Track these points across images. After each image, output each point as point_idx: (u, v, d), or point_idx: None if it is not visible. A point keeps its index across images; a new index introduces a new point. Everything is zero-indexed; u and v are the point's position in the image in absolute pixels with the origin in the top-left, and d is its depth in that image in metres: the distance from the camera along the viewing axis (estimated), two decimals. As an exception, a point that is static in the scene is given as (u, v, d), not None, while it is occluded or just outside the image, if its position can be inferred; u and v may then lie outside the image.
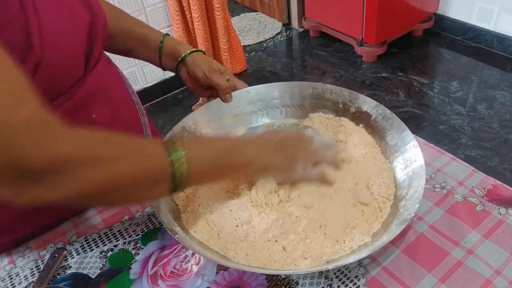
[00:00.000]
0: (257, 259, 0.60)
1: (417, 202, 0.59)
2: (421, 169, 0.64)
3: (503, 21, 2.50)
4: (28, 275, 0.67)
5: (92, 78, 0.67)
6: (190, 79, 0.84)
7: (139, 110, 0.83)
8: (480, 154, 1.98)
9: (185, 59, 0.81)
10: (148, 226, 0.72)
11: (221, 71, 0.81)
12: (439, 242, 0.65)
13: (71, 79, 0.64)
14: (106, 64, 0.75)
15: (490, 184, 0.72)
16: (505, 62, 2.52)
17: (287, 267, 0.59)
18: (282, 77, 2.69)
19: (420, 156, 0.66)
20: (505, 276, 0.59)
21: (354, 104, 0.79)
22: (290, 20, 3.17)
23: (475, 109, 2.23)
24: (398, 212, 0.62)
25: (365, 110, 0.78)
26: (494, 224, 0.66)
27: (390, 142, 0.73)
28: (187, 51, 0.81)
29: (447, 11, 2.75)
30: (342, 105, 0.81)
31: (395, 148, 0.72)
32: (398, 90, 2.42)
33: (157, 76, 2.50)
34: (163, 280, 0.64)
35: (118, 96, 0.77)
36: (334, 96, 0.81)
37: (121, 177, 0.50)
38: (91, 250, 0.70)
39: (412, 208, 0.58)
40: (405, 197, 0.64)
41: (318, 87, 0.83)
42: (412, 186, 0.64)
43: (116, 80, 0.79)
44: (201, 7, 2.28)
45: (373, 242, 0.60)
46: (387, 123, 0.74)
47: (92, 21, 0.65)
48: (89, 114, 0.68)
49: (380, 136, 0.75)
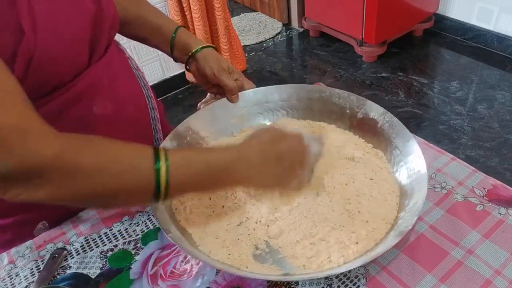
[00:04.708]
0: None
1: (416, 214, 0.58)
2: (424, 180, 0.63)
3: (503, 21, 2.50)
4: (28, 275, 0.67)
5: (95, 70, 0.67)
6: (199, 75, 0.83)
7: (149, 104, 0.82)
8: (480, 154, 1.98)
9: (196, 54, 0.81)
10: (148, 226, 0.72)
11: (230, 70, 0.81)
12: (439, 242, 0.65)
13: (72, 70, 0.63)
14: (115, 56, 0.74)
15: (490, 184, 0.72)
16: (505, 62, 2.52)
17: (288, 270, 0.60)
18: (282, 77, 2.69)
19: (424, 168, 0.65)
20: (505, 276, 0.59)
21: (361, 110, 0.78)
22: (290, 20, 3.17)
23: (475, 109, 2.23)
24: (397, 223, 0.62)
25: (372, 116, 0.77)
26: (494, 224, 0.66)
27: (395, 151, 0.72)
28: (198, 46, 0.81)
29: (447, 11, 2.75)
30: (349, 110, 0.79)
31: (400, 158, 0.71)
32: (398, 90, 2.42)
33: (157, 76, 2.50)
34: (163, 280, 0.64)
35: (125, 89, 0.76)
36: (342, 101, 0.80)
37: (100, 187, 0.50)
38: (91, 250, 0.70)
39: (410, 221, 0.58)
40: (405, 208, 0.63)
41: (326, 91, 0.82)
42: (413, 197, 0.63)
43: (125, 73, 0.78)
44: (201, 7, 2.28)
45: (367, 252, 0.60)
46: (393, 130, 0.73)
47: (97, 11, 0.65)
48: (89, 107, 0.68)
49: (386, 144, 0.74)
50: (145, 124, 0.81)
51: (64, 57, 0.60)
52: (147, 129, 0.82)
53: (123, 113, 0.74)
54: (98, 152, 0.50)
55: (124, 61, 0.80)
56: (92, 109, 0.68)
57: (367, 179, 0.70)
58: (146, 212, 0.74)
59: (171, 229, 0.61)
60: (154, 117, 0.83)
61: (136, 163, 0.52)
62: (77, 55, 0.63)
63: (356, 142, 0.78)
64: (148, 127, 0.82)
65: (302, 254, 0.61)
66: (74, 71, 0.64)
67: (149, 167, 0.51)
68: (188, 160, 0.56)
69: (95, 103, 0.68)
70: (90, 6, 0.64)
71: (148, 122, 0.82)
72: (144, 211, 0.75)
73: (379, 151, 0.76)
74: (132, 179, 0.52)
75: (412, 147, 0.69)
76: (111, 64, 0.72)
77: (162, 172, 0.51)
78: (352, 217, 0.64)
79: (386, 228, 0.63)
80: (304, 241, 0.62)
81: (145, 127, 0.81)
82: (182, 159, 0.55)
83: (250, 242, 0.64)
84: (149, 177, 0.51)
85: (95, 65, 0.67)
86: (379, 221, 0.63)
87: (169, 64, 2.51)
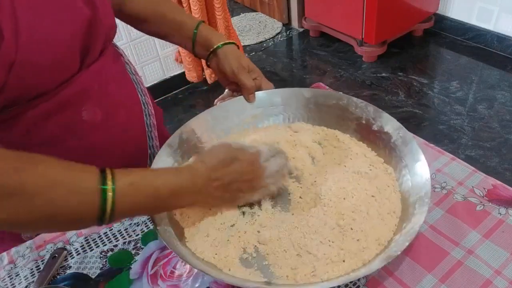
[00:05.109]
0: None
1: (408, 239, 0.55)
2: (425, 205, 0.60)
3: (503, 21, 2.50)
4: (28, 275, 0.67)
5: (85, 76, 0.66)
6: (218, 71, 0.83)
7: (145, 110, 0.81)
8: (480, 154, 1.98)
9: (217, 50, 0.80)
10: (148, 226, 0.72)
11: (250, 68, 0.81)
12: (439, 242, 0.65)
13: (60, 76, 0.62)
14: (110, 62, 0.73)
15: (490, 184, 0.72)
16: (505, 62, 2.52)
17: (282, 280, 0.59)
18: (282, 77, 2.69)
19: (429, 192, 0.61)
20: (505, 276, 0.59)
21: (377, 122, 0.75)
22: (290, 20, 3.17)
23: (475, 109, 2.23)
24: (390, 245, 0.60)
25: (387, 130, 0.74)
26: (494, 224, 0.66)
27: (404, 170, 0.69)
28: (220, 43, 0.80)
29: (447, 11, 2.75)
30: (365, 121, 0.77)
31: (407, 177, 0.68)
32: (398, 90, 2.42)
33: (157, 76, 2.50)
34: (163, 280, 0.64)
35: (119, 95, 0.74)
36: (359, 111, 0.78)
37: (38, 211, 0.48)
38: (91, 250, 0.70)
39: (402, 246, 0.55)
40: (401, 230, 0.61)
41: (344, 99, 0.79)
42: (412, 220, 0.60)
43: (120, 78, 0.77)
44: (202, 8, 2.28)
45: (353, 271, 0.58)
46: (406, 148, 0.70)
47: (93, 18, 0.63)
48: (78, 113, 0.67)
49: (396, 161, 0.71)
50: (138, 130, 0.80)
51: (50, 63, 0.58)
52: (141, 136, 0.80)
53: (114, 119, 0.72)
54: (39, 174, 0.48)
55: (120, 66, 0.79)
56: (81, 115, 0.67)
57: (368, 196, 0.67)
58: (146, 212, 0.74)
59: (163, 222, 0.61)
60: (149, 123, 0.81)
61: (81, 187, 0.50)
62: (66, 61, 0.62)
63: (367, 155, 0.75)
64: (142, 134, 0.80)
65: (287, 264, 0.59)
66: (62, 77, 0.62)
67: (94, 191, 0.50)
68: (136, 185, 0.54)
69: (84, 109, 0.67)
70: (84, 12, 0.62)
71: (142, 129, 0.80)
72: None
73: (390, 167, 0.72)
74: (75, 202, 0.50)
75: (422, 168, 0.66)
76: (104, 69, 0.70)
77: (108, 197, 0.50)
78: (344, 233, 0.62)
79: (378, 250, 0.60)
80: (291, 251, 0.61)
81: (138, 134, 0.80)
82: (130, 185, 0.53)
83: (239, 244, 0.63)
84: (93, 202, 0.50)
85: (86, 71, 0.66)
86: (371, 241, 0.61)
87: (169, 64, 2.51)
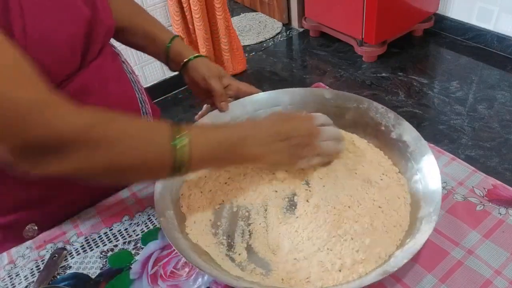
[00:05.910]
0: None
1: (407, 257, 0.54)
2: (432, 223, 0.58)
3: (503, 21, 2.50)
4: (28, 275, 0.67)
5: (86, 73, 0.67)
6: (192, 83, 0.83)
7: (142, 108, 0.81)
8: (480, 154, 1.98)
9: (188, 63, 0.81)
10: (148, 226, 0.72)
11: (221, 75, 0.81)
12: (439, 242, 0.64)
13: (62, 74, 0.63)
14: (108, 60, 0.74)
15: (490, 184, 0.72)
16: (505, 62, 2.52)
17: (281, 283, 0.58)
18: (282, 77, 2.69)
19: (438, 210, 0.60)
20: (505, 276, 0.59)
21: (396, 129, 0.73)
22: (290, 20, 3.17)
23: (475, 109, 2.23)
24: (389, 260, 0.58)
25: (405, 139, 0.72)
26: (494, 224, 0.66)
27: (418, 183, 0.67)
28: (190, 56, 0.81)
29: (447, 11, 2.75)
30: (385, 128, 0.75)
31: (419, 193, 0.66)
32: (398, 90, 2.42)
33: (157, 76, 2.50)
34: (163, 280, 0.64)
35: (117, 93, 0.75)
36: (379, 116, 0.76)
37: (121, 160, 0.53)
38: (91, 250, 0.70)
39: (400, 263, 0.54)
40: (404, 246, 0.59)
41: (364, 102, 0.77)
42: (416, 237, 0.58)
43: (118, 77, 0.78)
44: (202, 8, 2.28)
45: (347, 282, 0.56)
46: (422, 160, 0.68)
47: (93, 17, 0.64)
48: None
49: (411, 172, 0.69)
50: None
51: (52, 62, 0.60)
52: None
53: None
54: (121, 125, 0.54)
55: (117, 65, 0.79)
56: None
57: (375, 207, 0.64)
58: (146, 212, 0.74)
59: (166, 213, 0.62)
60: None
61: (157, 138, 0.55)
62: (67, 59, 0.63)
63: (382, 164, 0.73)
64: None
65: (283, 268, 0.59)
66: (63, 75, 0.63)
67: (168, 143, 0.54)
68: (206, 136, 0.59)
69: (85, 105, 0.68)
70: (85, 12, 0.63)
71: None
72: (144, 211, 0.75)
73: (404, 177, 0.70)
74: (152, 153, 0.55)
75: (434, 184, 0.64)
76: (103, 67, 0.71)
77: (184, 144, 0.54)
78: (342, 243, 0.60)
79: (377, 263, 0.58)
80: (288, 255, 0.60)
81: None
82: (202, 135, 0.59)
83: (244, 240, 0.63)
84: (168, 153, 0.54)
85: (86, 68, 0.67)
86: (371, 254, 0.59)
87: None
